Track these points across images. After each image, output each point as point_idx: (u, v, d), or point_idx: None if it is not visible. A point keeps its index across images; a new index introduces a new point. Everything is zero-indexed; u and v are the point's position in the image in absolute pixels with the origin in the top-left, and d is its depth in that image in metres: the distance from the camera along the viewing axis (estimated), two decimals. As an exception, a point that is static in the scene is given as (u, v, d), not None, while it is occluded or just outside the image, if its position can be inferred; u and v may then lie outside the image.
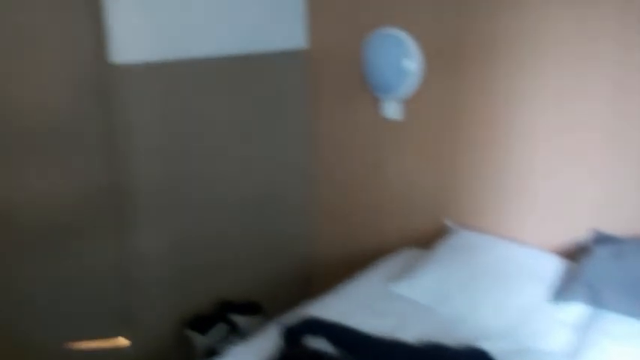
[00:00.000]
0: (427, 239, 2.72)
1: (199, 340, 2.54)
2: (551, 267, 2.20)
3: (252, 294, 2.88)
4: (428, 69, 2.57)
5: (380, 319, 2.06)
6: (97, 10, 2.17)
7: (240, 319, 2.61)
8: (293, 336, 1.91)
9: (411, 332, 1.97)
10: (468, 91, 2.48)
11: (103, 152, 2.32)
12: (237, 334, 2.57)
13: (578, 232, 2.29)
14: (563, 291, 2.04)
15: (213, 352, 2.42)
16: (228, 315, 2.61)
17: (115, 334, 2.50)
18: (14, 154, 2.16)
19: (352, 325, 1.97)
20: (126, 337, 2.52)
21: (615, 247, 2.08)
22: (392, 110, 2.71)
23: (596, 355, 1.82)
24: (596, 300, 1.98)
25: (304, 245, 3.21)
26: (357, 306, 2.20)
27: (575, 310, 2.00)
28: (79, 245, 2.35)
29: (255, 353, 1.88)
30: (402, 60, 2.55)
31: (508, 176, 2.44)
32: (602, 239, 2.18)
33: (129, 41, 2.23)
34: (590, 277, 2.02)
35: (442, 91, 2.55)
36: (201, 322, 2.58)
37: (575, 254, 2.28)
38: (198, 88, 2.52)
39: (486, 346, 1.85)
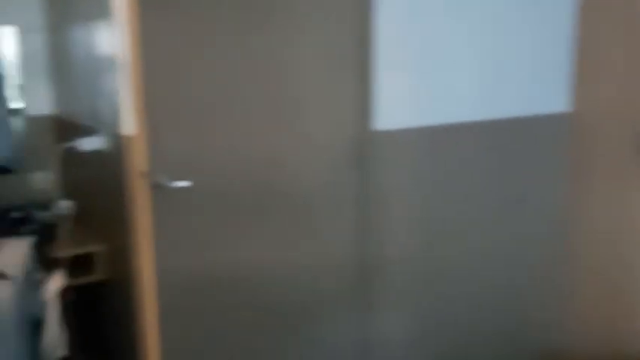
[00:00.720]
0: None
1: None
2: None
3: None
4: None
5: None
6: (365, 76, 2.06)
7: None
8: None
9: None
10: None
11: (355, 223, 2.16)
12: None
13: None
14: None
15: None
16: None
17: None
18: (262, 220, 2.06)
19: None
20: None
21: None
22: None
23: None
24: None
25: (553, 337, 2.77)
26: None
27: None
28: (319, 322, 2.19)
29: None
30: None
31: None
32: None
33: (392, 107, 2.11)
34: None
35: None
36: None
37: None
38: (453, 155, 2.31)
39: None
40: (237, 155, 1.99)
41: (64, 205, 2.47)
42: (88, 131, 2.28)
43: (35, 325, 2.06)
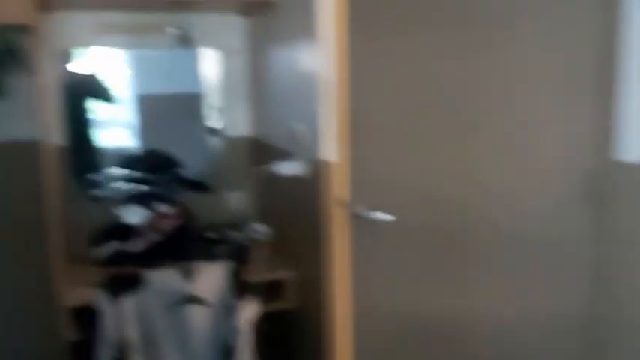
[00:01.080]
0: None
1: None
2: None
3: None
4: None
5: None
6: (607, 96, 1.74)
7: None
8: None
9: None
10: None
11: (589, 271, 1.85)
12: None
13: None
14: None
15: None
16: None
17: None
18: (473, 263, 1.83)
19: None
20: None
21: None
22: None
23: None
24: None
25: None
26: None
27: None
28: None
29: None
30: None
31: None
32: None
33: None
34: None
35: None
36: None
37: None
38: None
39: None
40: (449, 189, 1.79)
41: (258, 228, 2.44)
42: (284, 155, 2.22)
43: (227, 352, 2.02)
